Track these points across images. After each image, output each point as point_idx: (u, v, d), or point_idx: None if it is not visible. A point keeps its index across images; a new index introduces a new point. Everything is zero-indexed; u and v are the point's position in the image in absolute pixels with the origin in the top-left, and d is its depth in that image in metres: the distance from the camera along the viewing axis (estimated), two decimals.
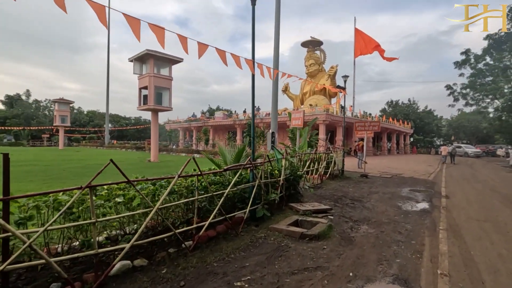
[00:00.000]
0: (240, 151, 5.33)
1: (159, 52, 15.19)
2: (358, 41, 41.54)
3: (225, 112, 40.01)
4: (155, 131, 16.04)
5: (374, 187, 9.62)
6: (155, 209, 3.18)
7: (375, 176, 12.58)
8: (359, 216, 5.78)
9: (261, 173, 5.27)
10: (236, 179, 4.65)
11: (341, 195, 7.88)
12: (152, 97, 15.13)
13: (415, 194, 8.52)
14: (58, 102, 34.02)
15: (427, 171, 15.34)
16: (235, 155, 5.30)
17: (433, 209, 6.59)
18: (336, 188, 9.08)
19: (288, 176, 6.40)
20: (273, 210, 5.62)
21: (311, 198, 7.32)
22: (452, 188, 9.78)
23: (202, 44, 3.89)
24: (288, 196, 6.48)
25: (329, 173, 10.40)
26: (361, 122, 12.08)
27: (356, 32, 42.11)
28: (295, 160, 6.93)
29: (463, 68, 28.25)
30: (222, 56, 4.21)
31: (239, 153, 5.31)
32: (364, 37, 39.54)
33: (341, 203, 6.92)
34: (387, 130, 38.99)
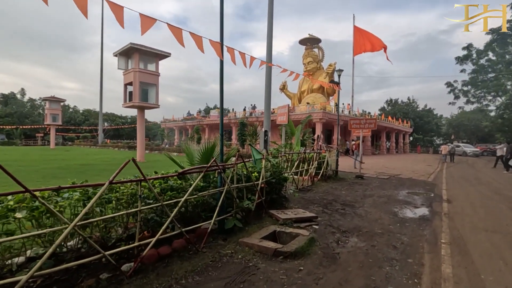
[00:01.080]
0: (208, 150, 4.57)
1: (144, 46, 14.41)
2: (357, 39, 40.82)
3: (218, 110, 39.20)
4: (141, 129, 15.27)
5: (369, 189, 8.86)
6: (71, 226, 2.43)
7: (371, 177, 11.82)
8: (349, 225, 5.03)
9: (233, 176, 4.52)
10: (197, 184, 3.90)
11: (332, 199, 7.13)
12: (137, 94, 14.35)
13: (413, 197, 7.77)
14: (49, 100, 33.21)
15: (427, 172, 14.59)
16: (202, 155, 4.54)
17: (434, 216, 5.83)
18: (328, 190, 8.33)
19: (270, 179, 5.65)
20: (249, 219, 4.87)
21: (298, 203, 6.57)
22: (454, 191, 9.03)
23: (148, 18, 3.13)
24: (270, 201, 5.74)
25: (321, 174, 9.64)
26: (356, 120, 11.35)
27: (355, 30, 41.35)
28: (279, 160, 6.17)
29: (464, 64, 27.43)
30: (178, 35, 3.44)
31: (206, 153, 4.55)
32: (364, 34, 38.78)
33: (330, 209, 6.16)
34: (386, 129, 38.24)
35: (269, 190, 5.64)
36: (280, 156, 6.27)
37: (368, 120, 11.07)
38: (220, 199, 4.05)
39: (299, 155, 8.13)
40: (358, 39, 39.57)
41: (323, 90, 36.98)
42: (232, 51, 4.32)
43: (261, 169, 5.35)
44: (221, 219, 4.22)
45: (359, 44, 39.68)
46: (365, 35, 38.68)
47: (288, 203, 6.38)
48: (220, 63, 4.18)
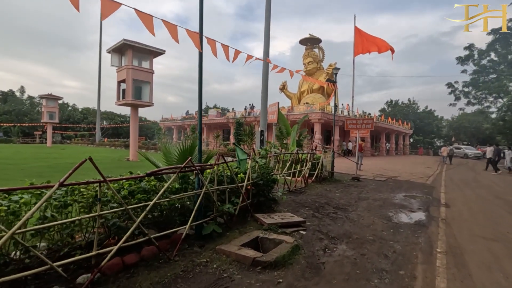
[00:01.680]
0: (186, 149, 4.25)
1: (138, 42, 14.11)
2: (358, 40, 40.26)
3: (218, 110, 38.93)
4: (135, 127, 14.96)
5: (364, 192, 8.55)
6: (9, 234, 2.12)
7: (368, 179, 11.50)
8: (339, 231, 4.71)
9: (214, 177, 4.21)
10: (172, 186, 3.60)
11: (324, 202, 6.81)
12: (130, 91, 14.05)
13: (410, 201, 7.45)
14: (46, 98, 32.94)
15: (425, 174, 14.26)
16: (180, 155, 4.23)
17: (430, 221, 5.51)
18: (321, 193, 8.01)
19: (257, 181, 5.35)
20: (232, 224, 4.56)
21: (289, 206, 6.26)
22: (453, 194, 8.71)
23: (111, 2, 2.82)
24: (257, 204, 5.43)
25: (315, 176, 9.33)
26: (353, 120, 11.02)
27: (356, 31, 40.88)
28: (268, 161, 5.86)
29: (466, 64, 27.02)
30: (147, 23, 3.13)
31: (185, 152, 4.23)
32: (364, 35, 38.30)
33: (321, 213, 5.85)
34: (386, 130, 37.89)
35: (256, 192, 5.33)
36: (269, 157, 5.96)
37: (365, 121, 10.75)
38: (197, 203, 3.75)
39: (291, 155, 7.82)
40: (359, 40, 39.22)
41: (323, 90, 36.63)
42: (213, 43, 4.01)
43: (247, 170, 5.04)
44: (200, 224, 3.91)
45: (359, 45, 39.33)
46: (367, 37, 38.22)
47: (277, 206, 6.07)
48: (198, 55, 3.87)
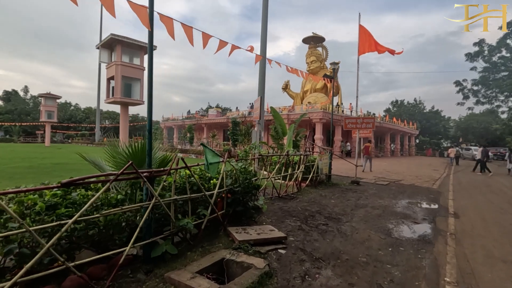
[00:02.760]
0: (137, 151, 3.50)
1: (127, 37, 13.46)
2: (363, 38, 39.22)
3: (218, 110, 38.27)
4: (124, 126, 14.32)
5: (363, 198, 7.73)
6: None
7: (368, 182, 10.66)
8: (326, 250, 3.93)
9: (171, 185, 3.46)
10: (111, 197, 2.87)
11: (316, 211, 6.02)
12: (119, 89, 13.42)
13: (413, 209, 6.62)
14: (44, 97, 32.61)
15: (432, 177, 13.35)
16: (129, 157, 3.48)
17: (437, 236, 4.69)
18: (315, 199, 7.22)
19: (234, 187, 4.60)
20: (196, 241, 3.81)
21: (274, 215, 5.50)
22: (462, 201, 7.84)
23: None
24: (233, 215, 4.68)
25: (309, 179, 8.54)
26: (352, 119, 10.18)
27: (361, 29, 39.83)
28: (248, 164, 5.09)
29: (475, 61, 25.76)
30: None
31: (135, 154, 3.49)
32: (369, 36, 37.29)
33: (310, 224, 5.07)
34: (391, 131, 36.82)
35: (232, 201, 4.58)
36: (252, 159, 5.19)
37: (365, 120, 9.92)
38: (144, 217, 3.00)
39: (280, 157, 7.03)
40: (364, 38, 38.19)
41: (326, 90, 35.78)
42: (169, 21, 3.26)
43: (219, 175, 4.29)
44: (150, 243, 3.17)
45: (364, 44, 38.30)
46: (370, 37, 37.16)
47: (260, 216, 5.32)
48: (148, 35, 3.13)
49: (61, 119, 63.12)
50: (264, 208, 4.92)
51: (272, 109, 12.28)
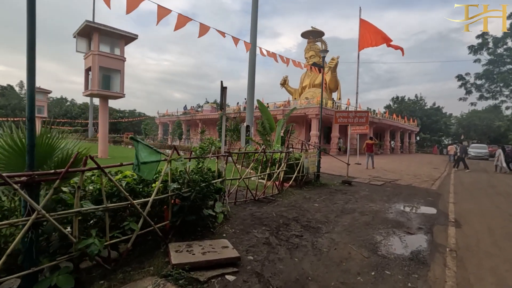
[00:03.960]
0: (17, 147, 2.59)
1: (105, 25, 12.52)
2: (363, 33, 38.44)
3: (213, 105, 37.32)
4: (104, 120, 13.41)
5: (352, 201, 6.84)
6: None
7: (361, 182, 9.76)
8: (290, 275, 3.05)
9: (76, 192, 2.57)
10: None
11: (293, 218, 5.14)
12: (96, 81, 12.49)
13: (408, 215, 5.72)
14: None
15: (431, 176, 12.44)
16: (11, 154, 2.58)
17: (433, 254, 3.80)
18: (296, 202, 6.34)
19: (182, 192, 3.71)
20: (117, 265, 2.93)
21: (240, 224, 4.62)
22: (464, 205, 6.94)
23: None
24: (185, 225, 3.81)
25: (293, 179, 7.65)
26: (344, 113, 9.24)
27: (361, 23, 38.98)
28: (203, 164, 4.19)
29: (479, 54, 24.57)
30: None
31: (16, 152, 2.57)
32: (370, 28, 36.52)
33: (280, 236, 4.19)
34: (390, 127, 35.89)
35: (178, 209, 3.69)
36: (210, 157, 4.28)
37: (358, 113, 8.98)
38: (18, 237, 2.12)
39: (254, 155, 6.13)
40: (364, 33, 37.18)
41: (325, 85, 34.80)
42: None
43: (159, 178, 3.41)
44: (35, 273, 2.29)
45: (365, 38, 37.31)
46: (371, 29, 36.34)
47: (222, 225, 4.45)
48: None
49: (56, 115, 62.39)
50: (219, 218, 4.02)
51: (259, 102, 11.37)
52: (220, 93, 4.14)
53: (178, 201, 3.82)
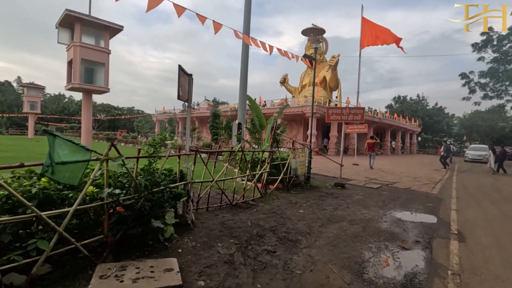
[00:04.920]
0: None
1: (87, 15, 11.82)
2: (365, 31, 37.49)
3: (210, 103, 36.63)
4: (87, 116, 12.73)
5: (343, 206, 6.13)
6: None
7: (356, 185, 9.04)
8: None
9: None
10: None
11: (270, 228, 4.44)
12: (78, 74, 11.80)
13: (404, 226, 5.00)
14: (27, 87, 31.10)
15: (432, 179, 11.71)
16: None
17: (432, 280, 3.09)
18: (278, 208, 5.63)
19: (126, 200, 3.03)
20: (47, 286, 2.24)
21: (204, 236, 3.93)
22: (468, 213, 6.22)
23: None
24: (128, 239, 3.12)
25: (278, 181, 6.94)
26: (337, 109, 8.50)
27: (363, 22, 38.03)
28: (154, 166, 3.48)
29: (483, 51, 23.62)
30: None
31: None
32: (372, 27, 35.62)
33: (248, 253, 3.49)
34: (391, 127, 35.12)
35: (118, 220, 3.00)
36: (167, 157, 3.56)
37: (352, 110, 8.24)
38: None
39: (231, 154, 5.41)
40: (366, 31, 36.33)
41: (325, 84, 34.13)
42: None
43: (86, 182, 2.71)
44: None
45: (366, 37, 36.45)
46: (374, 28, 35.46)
47: (182, 237, 3.75)
48: None
49: (53, 111, 61.83)
50: (167, 231, 3.30)
51: (249, 98, 10.65)
52: (178, 79, 3.42)
53: (123, 210, 3.13)
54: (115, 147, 3.02)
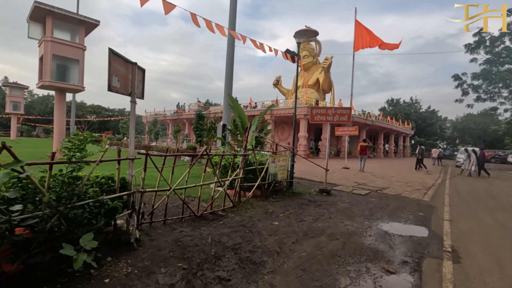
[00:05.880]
0: None
1: (59, 8, 11.07)
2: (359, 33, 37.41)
3: (200, 104, 35.89)
4: (60, 116, 11.91)
5: (325, 217, 5.48)
6: None
7: (343, 191, 8.42)
8: None
9: None
10: None
11: (232, 246, 3.76)
12: (48, 71, 11.00)
13: (391, 242, 4.36)
14: (10, 87, 29.99)
15: (424, 184, 11.16)
16: None
17: None
18: (250, 220, 4.96)
19: (26, 219, 2.33)
20: None
21: (148, 258, 3.25)
22: (463, 224, 5.62)
23: None
24: (35, 268, 2.42)
25: (255, 188, 6.27)
26: (321, 109, 7.85)
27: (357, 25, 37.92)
28: (77, 171, 2.78)
29: (476, 53, 23.30)
30: None
31: None
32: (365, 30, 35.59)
33: (193, 283, 2.81)
34: (384, 130, 34.80)
35: (17, 245, 2.29)
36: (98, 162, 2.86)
37: (338, 110, 7.63)
38: None
39: (192, 158, 4.72)
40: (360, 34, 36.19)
41: (318, 86, 33.78)
42: None
43: None
44: None
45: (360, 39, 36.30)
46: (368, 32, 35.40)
47: (112, 264, 3.04)
48: None
49: (41, 112, 60.34)
50: (77, 261, 2.57)
51: (230, 97, 9.97)
52: (108, 66, 2.74)
53: (27, 232, 2.43)
54: (11, 152, 2.33)
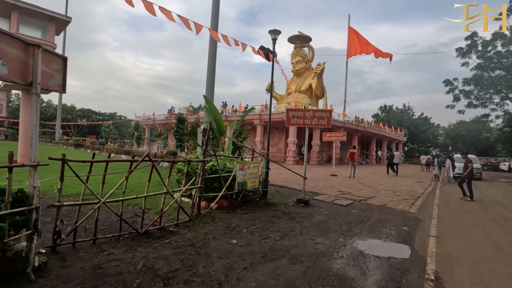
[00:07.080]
0: None
1: (26, 3, 10.36)
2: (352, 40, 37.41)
3: (189, 108, 35.18)
4: (26, 118, 11.10)
5: (295, 232, 4.78)
6: None
7: (324, 201, 7.74)
8: None
9: None
10: None
11: (167, 273, 3.04)
12: None
13: (364, 266, 3.67)
14: None
15: (413, 193, 10.54)
16: None
17: None
18: (203, 237, 4.24)
19: None
20: None
21: None
22: (450, 243, 4.96)
23: None
24: None
25: (219, 198, 5.56)
26: (298, 111, 7.18)
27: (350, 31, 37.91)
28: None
29: (467, 57, 23.03)
30: None
31: None
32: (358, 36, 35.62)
33: None
34: (377, 136, 34.40)
35: None
36: None
37: (317, 113, 6.98)
38: None
39: (131, 164, 4.00)
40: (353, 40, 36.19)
41: (311, 92, 33.42)
42: None
43: None
44: None
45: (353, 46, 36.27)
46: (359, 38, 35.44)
47: None
48: None
49: None
50: None
51: (206, 98, 9.34)
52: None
53: None
54: None
